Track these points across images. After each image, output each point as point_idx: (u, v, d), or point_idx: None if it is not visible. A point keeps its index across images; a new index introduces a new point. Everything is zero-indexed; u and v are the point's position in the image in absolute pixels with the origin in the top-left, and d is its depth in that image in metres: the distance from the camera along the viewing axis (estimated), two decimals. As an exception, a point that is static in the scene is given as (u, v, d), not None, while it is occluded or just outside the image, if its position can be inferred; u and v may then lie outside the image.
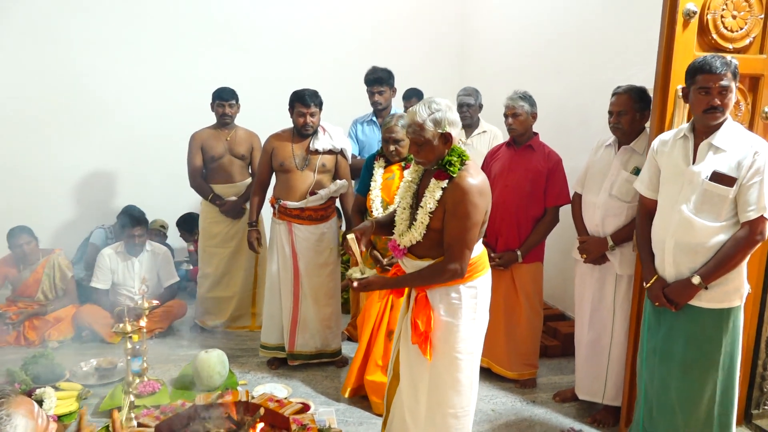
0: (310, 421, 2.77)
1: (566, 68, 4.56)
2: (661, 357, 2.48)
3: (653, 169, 2.54)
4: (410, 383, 2.49)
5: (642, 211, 2.63)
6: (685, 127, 2.46)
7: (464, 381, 2.42)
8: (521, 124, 3.45)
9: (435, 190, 2.32)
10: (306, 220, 3.63)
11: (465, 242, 2.28)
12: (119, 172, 5.49)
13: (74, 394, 3.26)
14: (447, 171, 2.31)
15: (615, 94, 3.02)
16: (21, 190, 5.24)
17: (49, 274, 4.29)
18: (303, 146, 3.61)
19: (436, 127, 2.29)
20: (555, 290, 4.66)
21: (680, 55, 2.60)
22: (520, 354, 3.56)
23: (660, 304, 2.44)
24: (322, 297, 3.68)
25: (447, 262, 2.29)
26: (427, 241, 2.36)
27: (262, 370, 3.77)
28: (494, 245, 3.55)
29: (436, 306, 2.37)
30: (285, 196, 3.63)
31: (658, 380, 2.50)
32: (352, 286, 2.41)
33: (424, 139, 2.30)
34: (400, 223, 2.47)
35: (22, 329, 4.10)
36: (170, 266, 4.48)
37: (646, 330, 2.57)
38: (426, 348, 2.35)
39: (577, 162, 3.46)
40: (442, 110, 2.30)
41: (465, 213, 2.26)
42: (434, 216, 2.33)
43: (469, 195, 2.26)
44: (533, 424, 3.17)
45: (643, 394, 2.59)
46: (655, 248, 2.51)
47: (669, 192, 2.45)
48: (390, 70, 4.07)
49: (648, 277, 2.52)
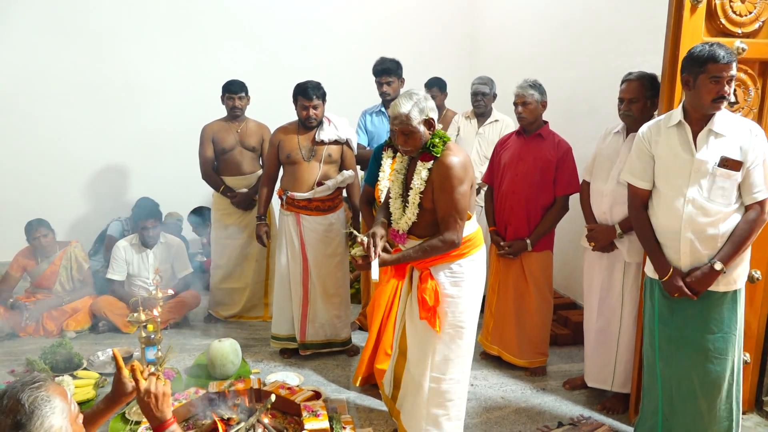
0: (321, 408, 2.82)
1: (575, 56, 4.54)
2: (679, 345, 2.46)
3: (646, 159, 2.50)
4: (418, 358, 2.65)
5: (637, 203, 2.57)
6: (675, 114, 2.44)
7: (465, 347, 2.65)
8: (531, 113, 3.44)
9: (421, 171, 2.51)
10: (314, 211, 3.66)
11: (458, 212, 2.46)
12: (133, 166, 5.59)
13: (91, 382, 3.33)
14: (431, 152, 2.50)
15: (626, 81, 2.98)
16: (38, 184, 5.36)
17: (66, 265, 4.37)
18: (309, 138, 3.64)
19: (421, 114, 2.46)
20: (566, 279, 4.66)
21: (688, 41, 2.58)
22: (530, 342, 3.58)
23: (680, 295, 2.41)
24: (331, 287, 3.72)
25: (445, 233, 2.48)
26: (422, 221, 2.56)
27: (274, 359, 3.82)
28: (504, 234, 3.57)
29: (440, 281, 2.55)
30: (292, 187, 3.66)
31: (678, 368, 2.48)
32: (356, 263, 2.55)
33: (411, 127, 2.47)
34: (395, 211, 2.65)
35: (41, 320, 4.19)
36: (184, 258, 4.54)
37: (656, 320, 2.54)
38: (435, 321, 2.53)
39: (586, 150, 3.45)
40: (422, 99, 2.49)
41: (452, 186, 2.44)
42: (425, 196, 2.52)
43: (453, 169, 2.44)
44: (542, 412, 3.19)
45: (659, 384, 2.56)
46: (664, 239, 2.48)
47: (673, 182, 2.42)
48: (398, 61, 4.07)
49: (662, 270, 2.46)
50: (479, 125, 4.45)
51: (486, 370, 3.67)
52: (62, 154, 5.34)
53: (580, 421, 3.06)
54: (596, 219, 3.13)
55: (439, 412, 2.64)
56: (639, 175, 2.54)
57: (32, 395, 1.34)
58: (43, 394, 1.36)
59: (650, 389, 2.64)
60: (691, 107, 2.38)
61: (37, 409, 1.33)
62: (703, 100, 2.32)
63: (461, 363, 2.65)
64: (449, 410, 2.66)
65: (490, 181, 3.70)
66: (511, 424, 3.07)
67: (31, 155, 5.31)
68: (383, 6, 5.94)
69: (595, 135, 3.31)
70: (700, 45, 2.34)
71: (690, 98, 2.37)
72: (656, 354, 2.55)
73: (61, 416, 1.37)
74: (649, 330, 2.60)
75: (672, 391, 2.53)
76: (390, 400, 2.95)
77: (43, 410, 1.34)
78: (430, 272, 2.56)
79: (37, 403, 1.34)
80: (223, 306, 4.48)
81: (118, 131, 5.39)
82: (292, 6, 5.74)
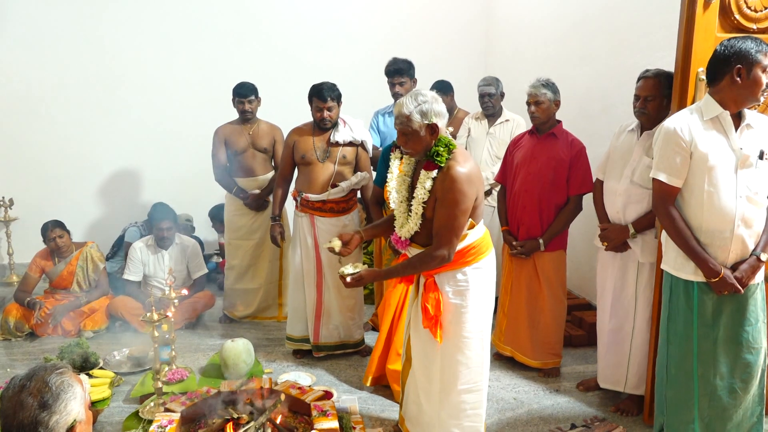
0: (331, 407, 2.82)
1: (590, 54, 4.49)
2: (720, 343, 2.39)
3: (685, 155, 2.34)
4: (423, 365, 2.59)
5: (669, 203, 2.40)
6: (710, 107, 2.34)
7: (474, 358, 2.54)
8: (544, 112, 3.41)
9: (425, 181, 2.43)
10: (328, 213, 3.67)
11: (453, 229, 2.38)
12: (148, 167, 5.64)
13: (107, 381, 3.38)
14: (435, 161, 2.41)
15: (642, 78, 2.93)
16: (54, 186, 5.46)
17: (83, 266, 4.43)
18: (324, 139, 3.65)
19: (423, 118, 2.38)
20: (581, 280, 4.62)
21: (701, 37, 2.55)
22: (544, 343, 3.54)
23: (730, 291, 2.34)
24: (345, 289, 3.70)
25: (435, 248, 2.40)
26: (425, 230, 2.48)
27: (287, 359, 3.84)
28: (516, 233, 3.54)
29: (444, 289, 2.48)
30: (307, 188, 3.67)
31: (720, 367, 2.41)
32: (345, 282, 2.52)
33: (411, 129, 2.40)
34: (399, 216, 2.59)
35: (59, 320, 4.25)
36: (199, 259, 4.58)
37: (695, 325, 2.41)
38: (436, 331, 2.46)
39: (600, 149, 3.41)
40: (428, 102, 2.40)
41: (454, 201, 2.35)
42: (428, 206, 2.44)
43: (458, 183, 2.35)
44: (556, 413, 3.16)
45: (695, 392, 2.45)
46: (709, 238, 2.36)
47: (721, 178, 2.31)
48: (410, 61, 4.07)
49: (713, 271, 2.33)
50: (490, 125, 4.43)
51: (499, 371, 3.64)
52: (78, 156, 5.43)
53: (593, 423, 3.03)
54: (609, 218, 3.09)
55: (451, 422, 2.59)
56: (676, 173, 2.37)
57: (59, 379, 1.45)
58: (67, 379, 1.46)
59: (682, 399, 2.49)
60: (732, 101, 2.31)
61: (62, 392, 1.43)
62: (755, 92, 2.28)
63: (471, 373, 2.55)
64: (462, 420, 2.60)
65: (503, 181, 3.68)
66: (524, 426, 3.04)
67: (47, 158, 5.40)
68: (398, 7, 5.95)
69: (610, 133, 3.27)
70: (750, 38, 2.29)
71: (736, 91, 2.28)
72: (695, 359, 2.43)
73: (80, 402, 1.47)
74: (684, 337, 2.44)
75: (712, 392, 2.44)
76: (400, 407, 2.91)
77: (67, 394, 1.44)
78: (434, 281, 2.51)
79: (63, 386, 1.44)
80: (237, 306, 4.51)
81: (134, 133, 5.46)
82: (308, 7, 5.77)
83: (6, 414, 1.40)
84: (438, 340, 2.48)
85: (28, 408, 1.39)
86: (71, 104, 5.36)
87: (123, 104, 5.44)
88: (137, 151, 5.51)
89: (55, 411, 1.41)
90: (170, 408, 2.88)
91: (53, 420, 1.40)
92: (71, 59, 5.32)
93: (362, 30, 5.87)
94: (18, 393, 1.41)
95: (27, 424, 1.38)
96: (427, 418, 2.64)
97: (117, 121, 5.44)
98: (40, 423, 1.39)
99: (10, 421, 1.39)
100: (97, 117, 5.42)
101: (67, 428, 1.43)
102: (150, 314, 2.97)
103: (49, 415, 1.40)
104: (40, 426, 1.39)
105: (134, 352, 3.80)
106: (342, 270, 2.55)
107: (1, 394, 1.45)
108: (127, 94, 5.45)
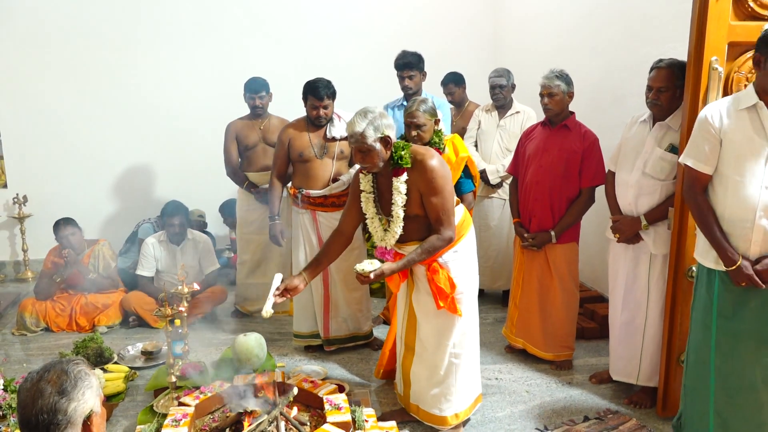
0: (344, 401, 2.83)
1: (601, 44, 4.45)
2: (741, 337, 2.34)
3: (714, 142, 2.32)
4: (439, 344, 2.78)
5: (698, 189, 2.39)
6: (746, 96, 2.28)
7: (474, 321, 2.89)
8: (557, 104, 3.39)
9: (399, 186, 2.62)
10: (330, 207, 3.67)
11: (448, 211, 2.62)
12: (160, 164, 5.68)
13: (121, 375, 3.41)
14: (401, 165, 2.60)
15: (655, 69, 2.89)
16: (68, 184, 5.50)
17: (94, 263, 4.47)
18: (319, 135, 3.65)
19: (376, 132, 2.53)
20: (593, 272, 4.59)
21: (714, 25, 2.52)
22: (556, 335, 3.53)
23: (747, 284, 2.28)
24: (351, 281, 3.71)
25: (442, 231, 2.62)
26: (413, 226, 2.67)
27: (299, 353, 3.86)
28: (528, 226, 3.53)
29: (450, 267, 2.73)
30: (306, 185, 3.67)
31: (739, 362, 2.36)
32: (364, 279, 2.60)
33: (368, 146, 2.54)
34: (375, 231, 2.74)
35: (73, 315, 4.30)
36: (211, 254, 4.61)
37: (715, 314, 2.38)
38: (455, 306, 2.71)
39: (613, 141, 3.38)
40: (377, 117, 2.55)
41: (440, 187, 2.58)
42: (412, 206, 2.63)
43: (437, 170, 2.57)
44: (568, 405, 3.15)
45: (712, 381, 2.43)
46: (732, 227, 2.32)
47: (746, 167, 2.26)
48: (420, 54, 4.04)
49: (730, 259, 2.30)
50: (500, 117, 4.41)
51: (511, 363, 3.64)
52: (91, 153, 5.47)
53: (606, 416, 3.02)
54: (621, 210, 3.07)
55: (462, 382, 2.84)
56: (703, 159, 2.34)
57: (77, 368, 1.48)
58: (84, 369, 1.49)
59: (699, 388, 2.48)
60: (762, 89, 2.25)
61: (80, 381, 1.46)
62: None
63: (471, 332, 2.87)
64: (468, 377, 2.88)
65: (515, 172, 3.67)
66: (536, 419, 3.04)
67: (61, 155, 5.44)
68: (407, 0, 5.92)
69: (623, 125, 3.24)
70: None
71: (760, 79, 2.24)
72: (712, 350, 2.40)
73: (95, 394, 1.49)
74: (703, 325, 2.44)
75: (729, 386, 2.40)
76: (404, 398, 2.99)
77: (84, 382, 1.46)
78: (438, 262, 2.69)
79: (81, 375, 1.47)
80: (249, 301, 4.54)
81: (146, 130, 5.49)
82: (318, 2, 5.76)
83: (24, 404, 1.41)
84: (458, 314, 2.71)
85: (47, 395, 1.40)
86: (84, 102, 5.39)
87: (135, 101, 5.47)
88: (149, 147, 5.55)
89: (73, 398, 1.42)
90: (184, 402, 2.90)
91: (71, 407, 1.41)
92: (84, 56, 5.36)
93: (372, 24, 5.86)
94: (36, 383, 1.43)
95: (46, 411, 1.39)
96: (445, 392, 2.81)
97: (129, 118, 5.47)
98: (59, 410, 1.40)
99: (29, 410, 1.40)
100: (109, 114, 5.45)
101: (84, 418, 1.44)
102: (163, 309, 2.99)
103: (68, 401, 1.41)
104: (59, 413, 1.40)
105: (147, 347, 3.83)
106: (362, 268, 2.59)
107: (19, 387, 1.46)
108: (139, 91, 5.48)
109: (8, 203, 5.44)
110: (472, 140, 4.53)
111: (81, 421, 1.44)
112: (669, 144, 2.86)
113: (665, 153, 2.86)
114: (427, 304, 2.74)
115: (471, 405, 2.92)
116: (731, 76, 2.61)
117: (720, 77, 2.56)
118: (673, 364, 2.86)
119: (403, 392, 2.98)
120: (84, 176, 5.51)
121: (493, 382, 3.42)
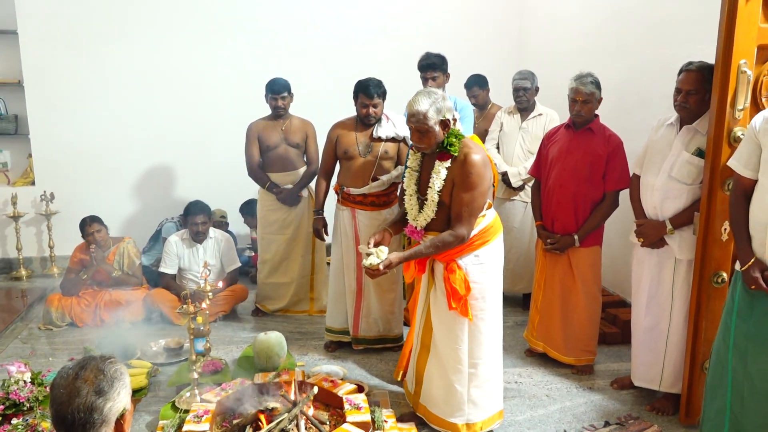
0: (363, 401, 2.84)
1: (626, 46, 4.40)
2: (756, 342, 2.32)
3: (753, 147, 2.32)
4: (450, 348, 2.76)
5: (738, 191, 2.40)
6: None
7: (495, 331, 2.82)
8: (590, 111, 3.37)
9: (440, 170, 2.63)
10: (369, 206, 3.69)
11: (472, 210, 2.59)
12: (183, 163, 5.73)
13: (144, 371, 3.46)
14: (449, 152, 2.61)
15: (684, 71, 2.85)
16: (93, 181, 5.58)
17: (119, 261, 4.54)
18: (366, 134, 3.67)
19: (438, 114, 2.56)
20: (616, 276, 4.54)
21: (743, 28, 2.48)
22: (577, 340, 3.50)
23: (757, 287, 2.27)
24: (385, 282, 3.72)
25: (455, 228, 2.60)
26: (441, 215, 2.67)
27: (319, 352, 3.88)
28: (551, 229, 3.50)
29: (468, 270, 2.69)
30: (348, 182, 3.70)
31: (754, 366, 2.34)
32: (374, 273, 2.61)
33: (428, 126, 2.56)
34: (411, 209, 2.77)
35: (98, 312, 4.37)
36: (232, 252, 4.65)
37: (735, 316, 2.39)
38: (467, 310, 2.65)
39: (637, 144, 3.34)
40: (440, 98, 2.58)
41: (473, 184, 2.57)
42: (443, 192, 2.64)
43: (476, 167, 2.57)
44: (589, 410, 3.12)
45: (729, 381, 2.43)
46: (754, 230, 2.32)
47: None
48: (443, 56, 4.03)
49: (745, 259, 2.32)
50: (522, 120, 4.39)
51: (531, 367, 3.62)
52: (116, 152, 5.54)
53: (627, 421, 2.99)
54: (645, 214, 3.04)
55: (478, 393, 2.79)
56: (743, 162, 2.36)
57: (112, 367, 1.49)
58: (119, 368, 1.51)
59: (717, 386, 2.49)
60: None
61: (116, 380, 1.47)
62: None
63: (492, 344, 2.80)
64: (487, 390, 2.81)
65: (537, 175, 3.64)
66: (556, 423, 3.02)
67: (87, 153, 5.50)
68: (433, 2, 5.91)
69: (647, 128, 3.21)
70: None
71: None
72: (730, 350, 2.41)
73: (128, 393, 1.51)
74: (725, 325, 2.45)
75: (744, 390, 2.38)
76: (413, 396, 3.00)
77: (120, 381, 1.48)
78: (456, 263, 2.67)
79: (116, 374, 1.48)
80: (269, 300, 4.57)
81: (170, 129, 5.56)
82: (343, 4, 5.77)
83: (60, 401, 1.42)
84: (469, 318, 2.67)
85: (83, 394, 1.41)
86: (109, 101, 5.47)
87: (160, 102, 5.54)
88: (173, 148, 5.62)
89: (109, 398, 1.43)
90: (206, 398, 2.94)
91: (107, 407, 1.43)
92: (109, 57, 5.43)
93: (397, 26, 5.85)
94: (73, 381, 1.43)
95: (83, 410, 1.40)
96: (457, 398, 2.77)
97: (154, 119, 5.55)
98: (95, 409, 1.41)
99: (65, 408, 1.41)
100: (134, 113, 5.52)
101: (117, 416, 1.46)
102: (186, 306, 3.03)
103: (104, 401, 1.42)
104: (95, 412, 1.41)
105: (170, 344, 3.88)
106: (369, 263, 2.61)
107: (53, 383, 1.47)
108: (163, 92, 5.54)
109: (36, 200, 5.54)
110: (494, 142, 4.52)
111: (114, 419, 1.46)
112: (696, 148, 2.83)
113: (692, 157, 2.82)
114: (442, 303, 2.74)
115: (489, 419, 2.86)
116: (760, 79, 2.57)
117: (749, 80, 2.52)
118: (696, 371, 2.82)
119: (414, 390, 2.98)
120: (109, 175, 5.59)
121: (513, 385, 3.40)
